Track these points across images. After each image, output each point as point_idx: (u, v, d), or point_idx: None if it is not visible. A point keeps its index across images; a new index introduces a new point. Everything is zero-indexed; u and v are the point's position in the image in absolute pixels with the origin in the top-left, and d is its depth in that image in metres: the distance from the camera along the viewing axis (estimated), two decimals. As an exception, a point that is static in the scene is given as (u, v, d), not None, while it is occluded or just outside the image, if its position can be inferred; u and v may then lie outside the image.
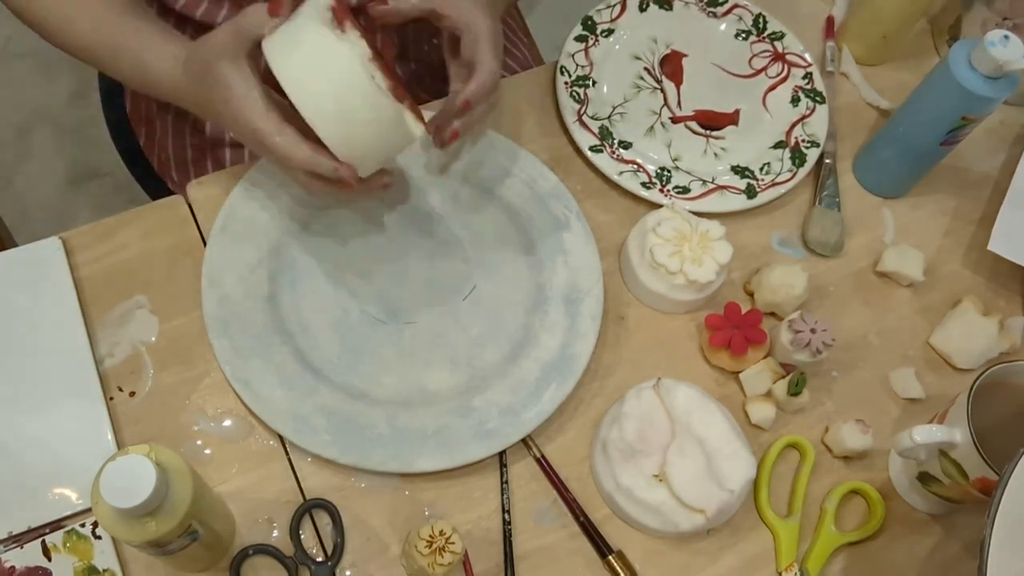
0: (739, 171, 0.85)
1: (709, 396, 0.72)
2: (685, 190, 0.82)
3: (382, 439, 0.69)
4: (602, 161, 0.83)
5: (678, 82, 0.89)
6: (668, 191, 0.82)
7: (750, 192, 0.83)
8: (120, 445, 0.68)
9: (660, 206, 0.80)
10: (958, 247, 0.86)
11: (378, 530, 0.68)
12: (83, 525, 0.65)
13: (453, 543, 0.62)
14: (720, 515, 0.68)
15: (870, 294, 0.83)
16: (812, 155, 0.85)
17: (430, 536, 0.62)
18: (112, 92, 1.01)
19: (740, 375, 0.76)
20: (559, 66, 0.87)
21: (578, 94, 0.86)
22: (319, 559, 0.67)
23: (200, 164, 0.94)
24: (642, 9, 0.91)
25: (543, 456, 0.72)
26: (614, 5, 0.91)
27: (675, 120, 0.87)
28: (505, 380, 0.73)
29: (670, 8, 0.92)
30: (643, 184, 0.82)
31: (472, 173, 0.80)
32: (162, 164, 0.98)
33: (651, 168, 0.83)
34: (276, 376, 0.70)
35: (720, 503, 0.67)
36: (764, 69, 0.91)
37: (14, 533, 0.65)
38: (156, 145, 0.97)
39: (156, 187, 1.03)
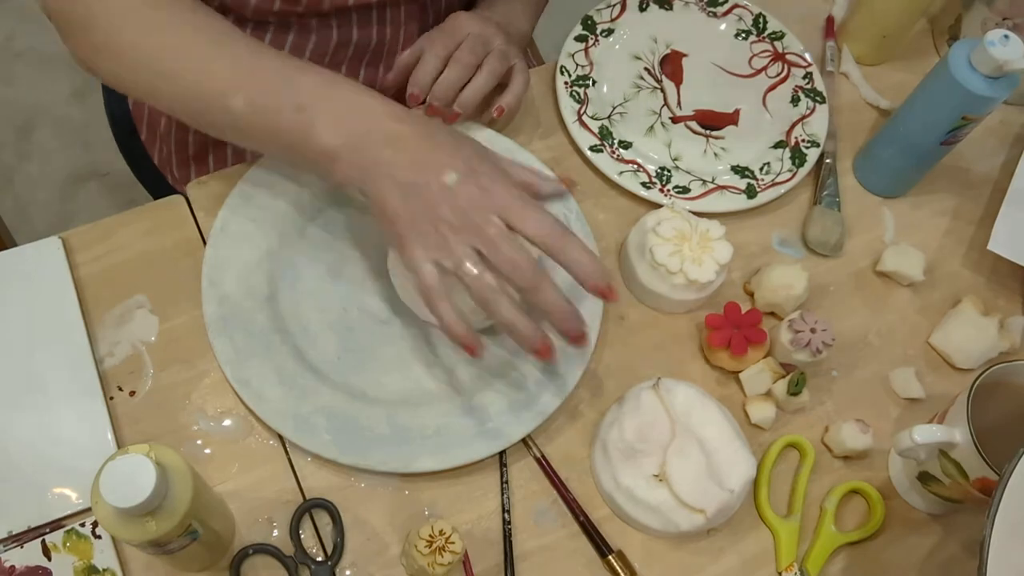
0: (739, 171, 0.85)
1: (709, 395, 0.72)
2: (685, 190, 0.82)
3: (382, 439, 0.69)
4: (602, 161, 0.83)
5: (678, 82, 0.89)
6: (668, 191, 0.82)
7: (750, 192, 0.83)
8: (120, 445, 0.68)
9: (660, 206, 0.80)
10: (958, 247, 0.86)
11: (378, 530, 0.68)
12: (83, 524, 0.65)
13: (453, 543, 0.62)
14: (720, 515, 0.68)
15: (870, 294, 0.83)
16: (812, 155, 0.85)
17: (430, 536, 0.63)
18: None
19: (740, 375, 0.76)
20: (559, 66, 0.87)
21: (578, 94, 0.86)
22: (319, 559, 0.67)
23: (201, 161, 0.94)
24: (642, 9, 0.91)
25: (543, 456, 0.72)
26: (614, 5, 0.91)
27: (675, 120, 0.87)
28: (505, 380, 0.73)
29: (670, 8, 0.92)
30: (643, 184, 0.82)
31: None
32: (163, 159, 0.98)
33: (651, 168, 0.83)
34: (276, 376, 0.70)
35: (720, 503, 0.67)
36: (764, 69, 0.91)
37: (14, 532, 0.65)
38: (158, 140, 0.97)
39: (156, 183, 1.02)
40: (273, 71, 0.63)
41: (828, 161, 0.87)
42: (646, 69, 0.90)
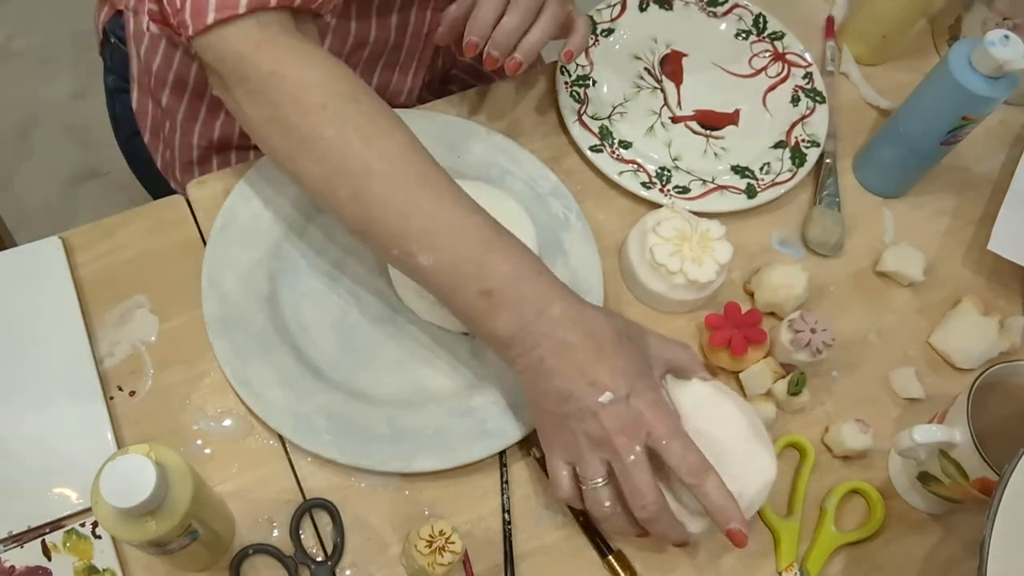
0: (739, 171, 0.85)
1: (728, 393, 0.68)
2: (685, 190, 0.82)
3: (382, 439, 0.69)
4: (602, 161, 0.83)
5: (678, 82, 0.89)
6: (668, 191, 0.82)
7: (750, 192, 0.83)
8: (120, 445, 0.68)
9: (660, 206, 0.80)
10: (958, 247, 0.86)
11: (378, 530, 0.68)
12: (83, 525, 0.65)
13: (453, 543, 0.62)
14: None
15: (870, 294, 0.83)
16: (812, 155, 0.85)
17: (430, 536, 0.63)
18: (117, 89, 1.01)
19: (740, 375, 0.76)
20: (559, 66, 0.87)
21: (578, 94, 0.86)
22: (319, 559, 0.67)
23: (205, 165, 0.94)
24: (642, 9, 0.91)
25: (543, 456, 0.72)
26: (614, 5, 0.91)
27: (675, 120, 0.87)
28: (505, 380, 0.73)
29: (670, 8, 0.92)
30: (643, 184, 0.82)
31: (472, 173, 0.80)
32: (165, 163, 0.98)
33: (651, 168, 0.83)
34: (276, 376, 0.70)
35: None
36: (764, 69, 0.91)
37: (14, 532, 0.65)
38: (162, 143, 0.97)
39: (156, 184, 1.02)
40: (469, 245, 0.61)
41: (828, 161, 0.87)
42: (646, 69, 0.90)
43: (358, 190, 0.61)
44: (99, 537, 0.65)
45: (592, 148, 0.83)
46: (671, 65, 0.90)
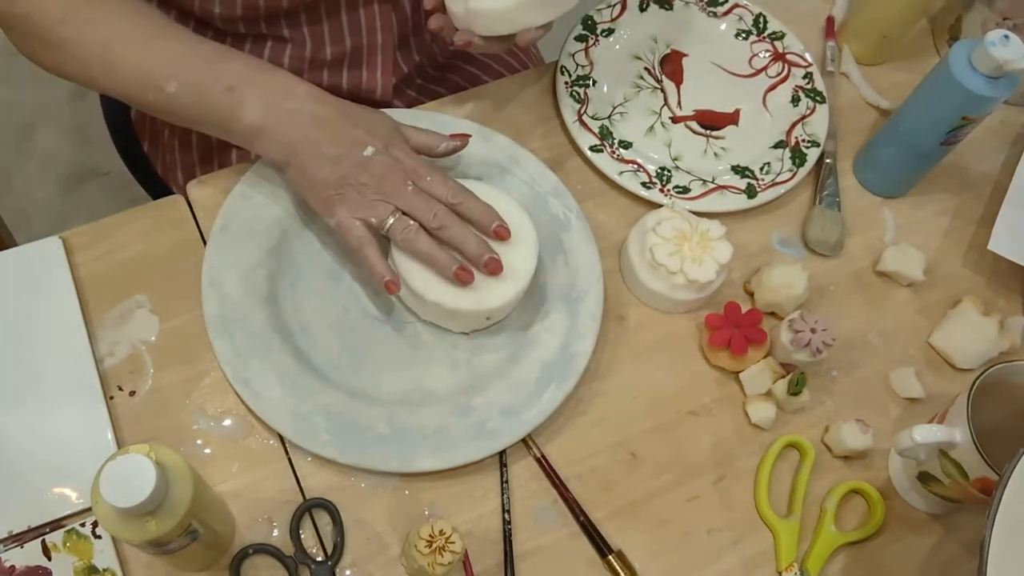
0: (739, 171, 0.85)
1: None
2: (685, 190, 0.82)
3: (382, 439, 0.69)
4: (602, 161, 0.83)
5: (678, 82, 0.89)
6: (668, 191, 0.82)
7: (750, 192, 0.83)
8: (120, 445, 0.68)
9: (660, 206, 0.80)
10: (958, 247, 0.86)
11: (378, 530, 0.68)
12: (83, 524, 0.65)
13: (453, 543, 0.62)
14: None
15: (870, 294, 0.83)
16: (812, 155, 0.86)
17: (430, 536, 0.63)
18: None
19: (740, 375, 0.76)
20: (559, 66, 0.87)
21: (578, 94, 0.86)
22: (319, 559, 0.67)
23: (207, 167, 0.94)
24: (642, 9, 0.91)
25: (543, 456, 0.72)
26: (614, 5, 0.91)
27: (675, 120, 0.87)
28: (505, 380, 0.73)
29: (670, 8, 0.92)
30: (643, 184, 0.82)
31: (472, 173, 0.80)
32: (167, 168, 0.98)
33: (651, 168, 0.83)
34: (276, 376, 0.70)
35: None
36: (764, 69, 0.91)
37: (14, 532, 0.65)
38: (162, 149, 0.97)
39: (157, 187, 1.02)
40: (203, 58, 0.70)
41: (828, 161, 0.87)
42: (646, 69, 0.90)
43: (105, 64, 0.69)
44: (99, 537, 0.65)
45: (592, 148, 0.83)
46: (671, 65, 0.90)
